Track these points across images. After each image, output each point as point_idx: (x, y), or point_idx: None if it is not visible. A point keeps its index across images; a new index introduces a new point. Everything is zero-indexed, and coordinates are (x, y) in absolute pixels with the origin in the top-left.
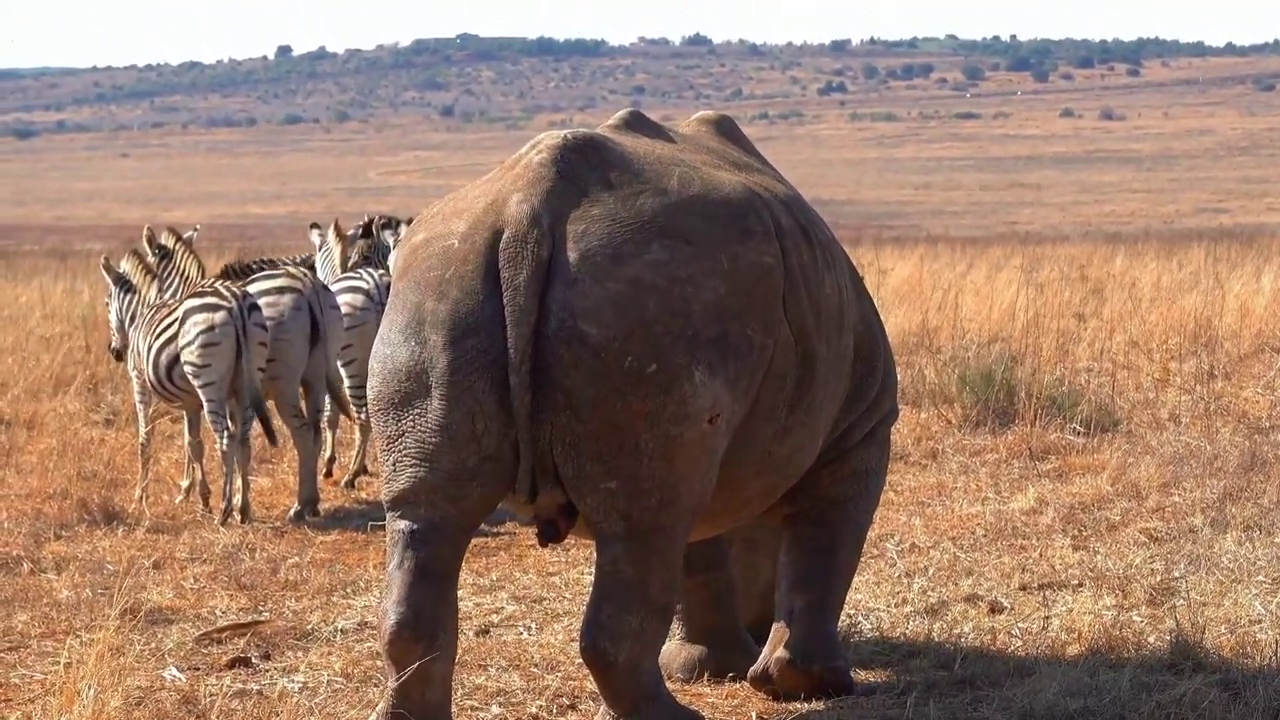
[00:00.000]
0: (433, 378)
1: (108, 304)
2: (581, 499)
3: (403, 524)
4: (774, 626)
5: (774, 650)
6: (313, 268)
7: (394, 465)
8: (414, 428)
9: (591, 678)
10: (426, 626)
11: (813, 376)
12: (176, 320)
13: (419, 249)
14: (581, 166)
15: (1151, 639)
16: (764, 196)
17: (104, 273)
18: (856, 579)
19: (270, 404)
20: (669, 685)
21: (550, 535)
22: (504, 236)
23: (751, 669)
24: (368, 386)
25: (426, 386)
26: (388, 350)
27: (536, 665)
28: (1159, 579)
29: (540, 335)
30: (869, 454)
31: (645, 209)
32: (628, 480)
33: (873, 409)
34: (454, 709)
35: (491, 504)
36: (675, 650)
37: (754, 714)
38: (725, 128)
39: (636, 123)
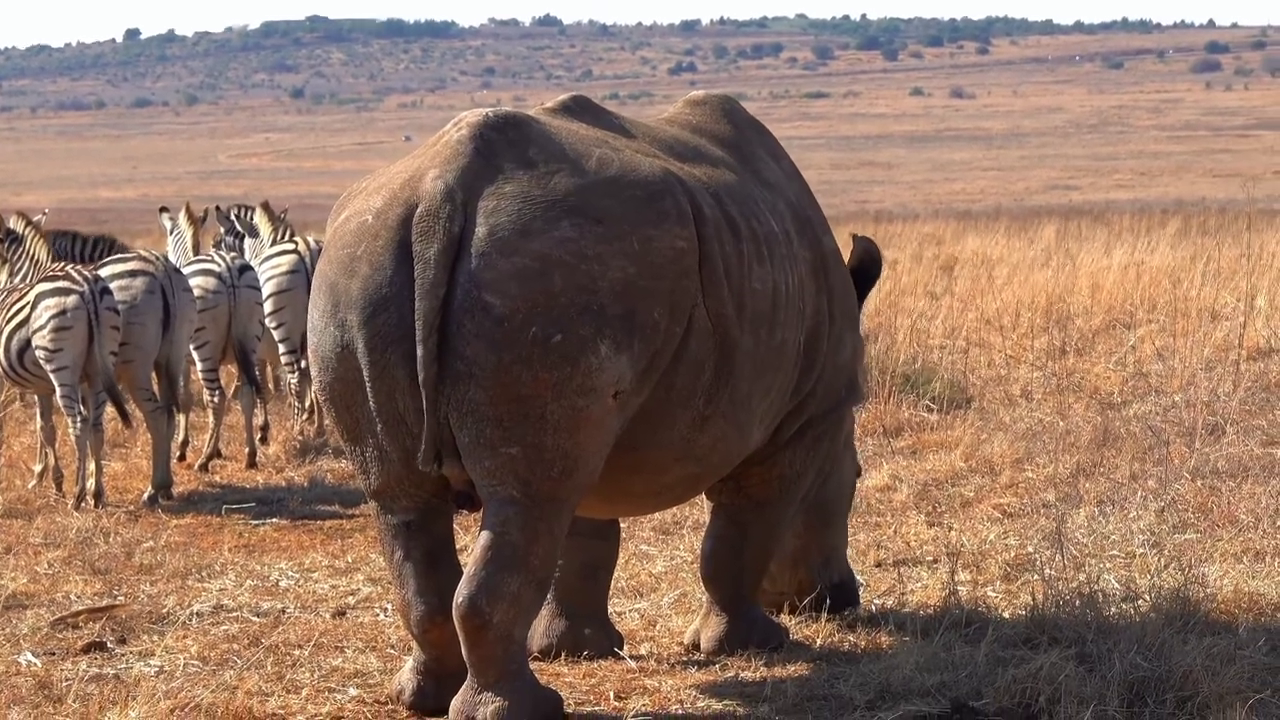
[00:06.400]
0: (356, 360)
1: None
2: (478, 463)
3: (393, 518)
4: (705, 601)
5: (704, 628)
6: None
7: (357, 459)
8: (358, 417)
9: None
10: (450, 604)
11: (732, 368)
12: (28, 304)
13: (339, 228)
14: (500, 144)
15: (1007, 614)
16: (686, 182)
17: None
18: None
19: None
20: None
21: (465, 505)
22: (417, 211)
23: (688, 634)
24: (312, 376)
25: (355, 369)
26: (314, 338)
27: (393, 647)
28: (1013, 554)
29: (447, 308)
30: (796, 456)
31: (558, 188)
32: (531, 448)
33: (801, 408)
34: (310, 691)
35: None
36: (534, 623)
37: (611, 693)
38: (718, 109)
39: (578, 107)
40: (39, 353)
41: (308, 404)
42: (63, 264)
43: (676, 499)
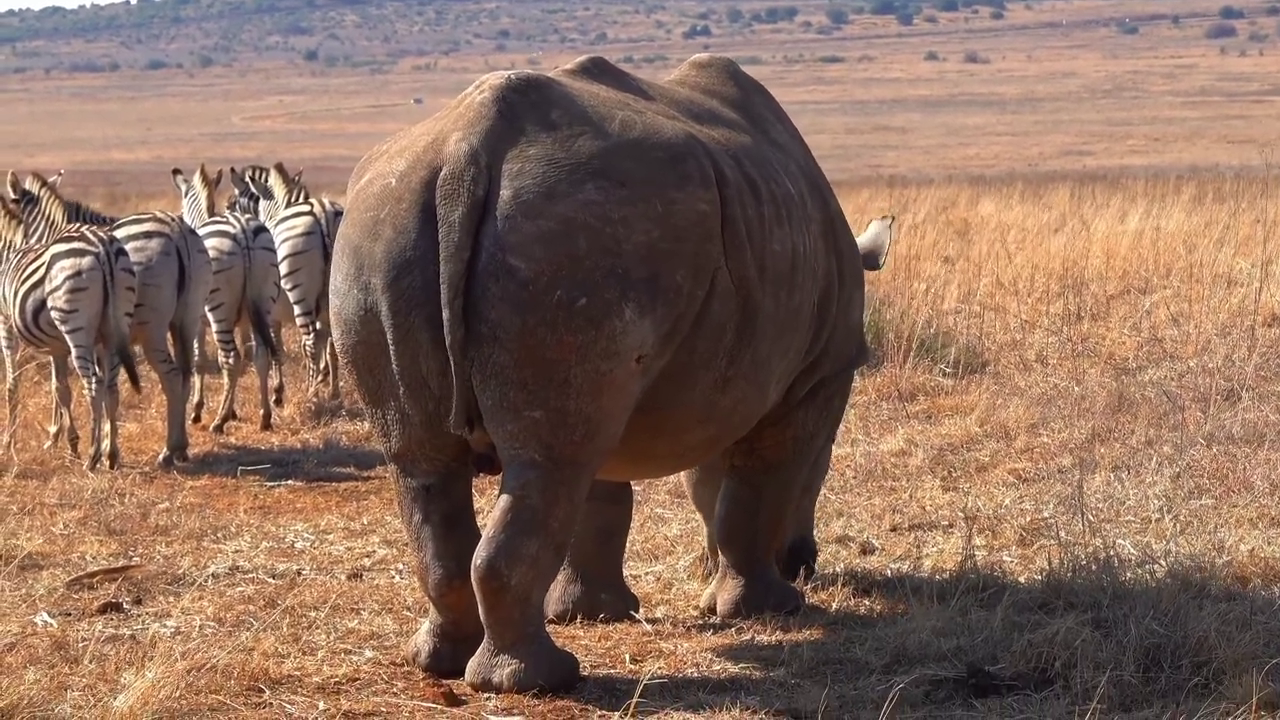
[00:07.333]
0: (380, 323)
1: None
2: (500, 426)
3: (412, 481)
4: (720, 565)
5: (720, 591)
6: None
7: (378, 422)
8: (381, 380)
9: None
10: (468, 568)
11: (754, 330)
12: (43, 265)
13: (362, 190)
14: (523, 106)
15: (1023, 579)
16: (708, 145)
17: None
18: None
19: (138, 349)
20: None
21: (484, 468)
22: (441, 174)
23: (704, 597)
24: (334, 339)
25: (378, 333)
26: (337, 301)
27: (409, 609)
28: (1029, 519)
29: (471, 271)
30: (809, 417)
31: (582, 150)
32: (554, 412)
33: (813, 368)
34: (326, 653)
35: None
36: (550, 588)
37: (627, 656)
38: (724, 71)
39: (597, 69)
40: (54, 314)
41: (322, 366)
42: (78, 225)
43: (697, 460)
